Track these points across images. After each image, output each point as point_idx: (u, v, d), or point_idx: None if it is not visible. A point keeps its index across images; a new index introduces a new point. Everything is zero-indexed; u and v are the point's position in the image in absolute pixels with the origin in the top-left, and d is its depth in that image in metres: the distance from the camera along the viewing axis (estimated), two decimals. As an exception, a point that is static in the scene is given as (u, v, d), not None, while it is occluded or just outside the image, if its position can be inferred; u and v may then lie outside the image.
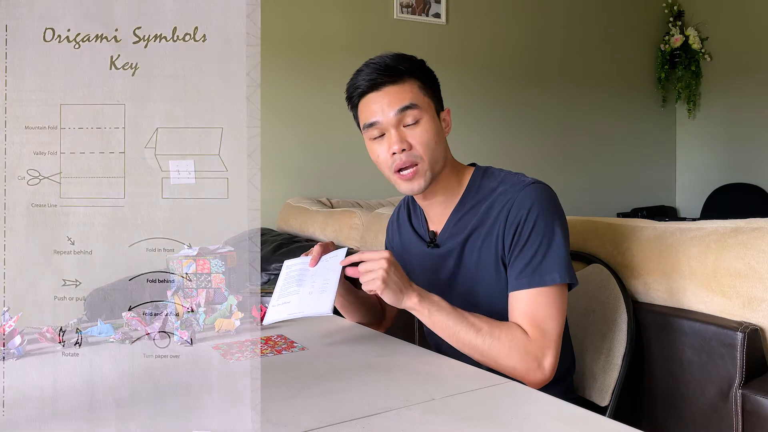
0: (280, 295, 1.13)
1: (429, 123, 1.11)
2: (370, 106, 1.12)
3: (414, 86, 1.12)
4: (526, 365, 1.02)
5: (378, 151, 1.14)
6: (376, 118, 1.11)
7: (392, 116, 1.10)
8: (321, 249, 1.16)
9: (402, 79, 1.11)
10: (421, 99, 1.12)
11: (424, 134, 1.10)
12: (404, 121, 1.10)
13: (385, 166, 1.14)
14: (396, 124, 1.10)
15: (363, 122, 1.14)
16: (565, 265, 1.06)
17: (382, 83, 1.11)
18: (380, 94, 1.11)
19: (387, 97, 1.10)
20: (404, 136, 1.10)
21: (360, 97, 1.14)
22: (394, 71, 1.11)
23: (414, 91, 1.11)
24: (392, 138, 1.10)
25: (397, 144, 1.10)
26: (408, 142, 1.10)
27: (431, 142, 1.11)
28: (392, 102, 1.10)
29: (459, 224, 1.16)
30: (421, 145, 1.10)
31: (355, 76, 1.14)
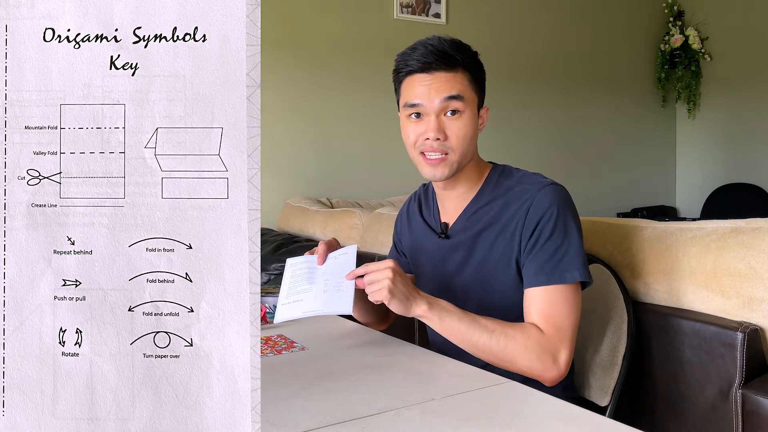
0: (289, 293, 1.11)
1: (470, 118, 1.11)
2: (417, 87, 1.11)
3: (465, 78, 1.11)
4: (542, 363, 1.02)
5: (411, 131, 1.13)
6: (420, 101, 1.10)
7: (437, 103, 1.09)
8: (325, 247, 1.16)
9: (455, 68, 1.10)
10: (468, 92, 1.11)
11: (463, 128, 1.10)
12: (446, 109, 1.10)
13: (412, 145, 1.13)
14: (438, 111, 1.10)
15: (405, 101, 1.13)
16: (583, 264, 1.07)
17: (435, 68, 1.09)
18: (430, 78, 1.10)
19: (436, 82, 1.09)
20: (443, 126, 1.10)
21: (408, 75, 1.13)
22: (450, 58, 1.09)
23: (464, 84, 1.11)
24: (431, 124, 1.09)
25: (433, 132, 1.09)
26: (445, 132, 1.10)
27: (467, 136, 1.11)
28: (441, 88, 1.09)
29: (473, 218, 1.16)
30: (457, 138, 1.10)
31: (408, 52, 1.12)
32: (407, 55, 1.12)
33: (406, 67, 1.12)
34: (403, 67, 1.13)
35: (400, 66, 1.14)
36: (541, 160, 4.19)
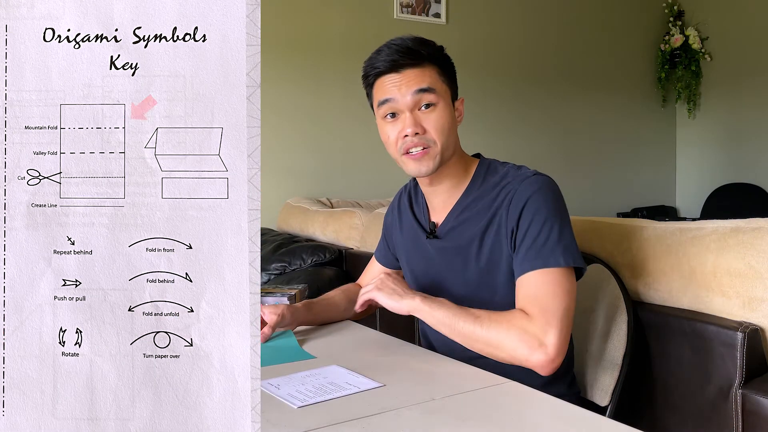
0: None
1: (444, 109, 1.12)
2: (387, 86, 1.12)
3: (433, 71, 1.12)
4: (527, 345, 0.98)
5: (389, 131, 1.13)
6: (392, 96, 1.11)
7: (409, 98, 1.10)
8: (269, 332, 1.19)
9: (422, 63, 1.11)
10: (440, 85, 1.12)
11: (440, 119, 1.11)
12: (420, 103, 1.10)
13: (393, 147, 1.14)
14: (411, 106, 1.10)
15: (377, 100, 1.14)
16: (570, 249, 1.05)
17: (402, 65, 1.10)
18: (399, 76, 1.11)
19: (405, 78, 1.10)
20: (419, 120, 1.10)
21: (377, 77, 1.14)
22: (415, 54, 1.10)
23: (433, 76, 1.12)
24: (407, 120, 1.10)
25: (411, 127, 1.10)
26: (422, 126, 1.10)
27: (445, 127, 1.11)
28: (411, 83, 1.10)
29: (461, 216, 1.16)
30: (436, 130, 1.11)
31: (374, 55, 1.14)
32: (373, 59, 1.13)
33: (374, 70, 1.13)
34: (371, 71, 1.14)
35: (368, 70, 1.15)
36: (541, 159, 4.18)
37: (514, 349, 1.00)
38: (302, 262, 2.39)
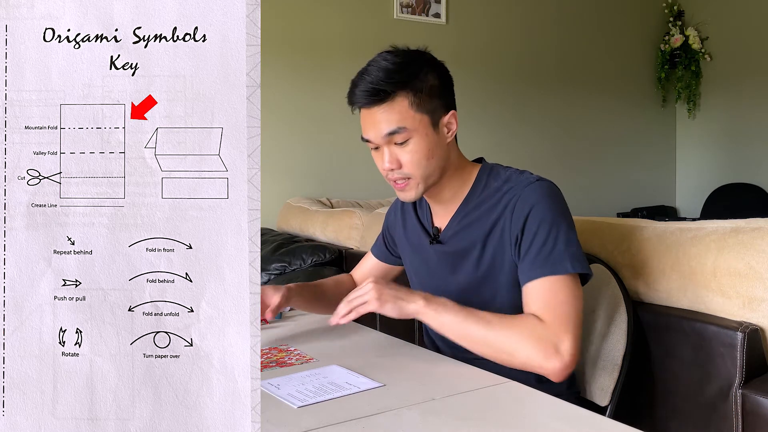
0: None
1: (419, 143, 1.10)
2: (364, 120, 1.13)
3: (404, 104, 1.09)
4: (542, 352, 0.98)
5: (376, 160, 1.16)
6: (369, 136, 1.12)
7: (380, 139, 1.11)
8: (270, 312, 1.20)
9: (390, 97, 1.08)
10: (410, 117, 1.09)
11: (415, 154, 1.10)
12: (392, 141, 1.10)
13: (383, 173, 1.16)
14: (387, 142, 1.11)
15: (361, 134, 1.15)
16: (576, 256, 1.05)
17: (372, 102, 1.10)
18: (369, 113, 1.11)
19: (375, 119, 1.10)
20: (395, 155, 1.11)
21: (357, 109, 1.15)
22: (382, 93, 1.08)
23: (402, 111, 1.08)
24: (384, 156, 1.12)
25: (387, 163, 1.11)
26: (398, 161, 1.11)
27: (421, 160, 1.10)
28: (379, 126, 1.09)
29: (463, 222, 1.16)
30: (411, 164, 1.11)
31: (356, 80, 1.13)
32: (352, 89, 1.13)
33: (352, 104, 1.14)
34: (350, 102, 1.14)
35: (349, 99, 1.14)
36: (541, 160, 4.19)
37: (528, 356, 0.99)
38: (302, 262, 2.39)
